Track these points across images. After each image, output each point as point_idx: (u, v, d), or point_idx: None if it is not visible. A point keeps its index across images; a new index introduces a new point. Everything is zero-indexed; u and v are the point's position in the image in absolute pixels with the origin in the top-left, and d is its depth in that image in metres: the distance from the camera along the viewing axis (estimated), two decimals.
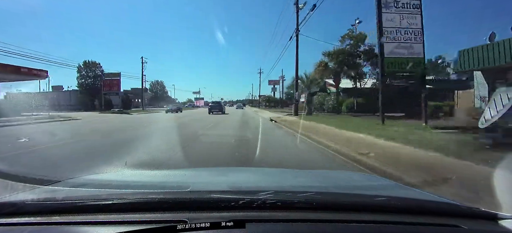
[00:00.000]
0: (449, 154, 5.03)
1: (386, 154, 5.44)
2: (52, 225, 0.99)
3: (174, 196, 1.13)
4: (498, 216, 1.05)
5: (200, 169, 3.32)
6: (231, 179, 1.90)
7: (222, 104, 34.38)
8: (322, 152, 6.59)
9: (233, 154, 6.13)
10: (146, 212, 1.01)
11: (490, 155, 4.50)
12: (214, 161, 5.49)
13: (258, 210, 1.01)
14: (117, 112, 34.46)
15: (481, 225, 1.04)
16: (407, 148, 6.05)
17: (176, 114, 28.86)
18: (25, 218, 1.00)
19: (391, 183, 2.02)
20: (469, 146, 5.65)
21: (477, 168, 4.13)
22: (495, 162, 3.40)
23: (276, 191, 1.15)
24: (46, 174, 3.89)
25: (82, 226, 0.98)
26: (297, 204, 1.06)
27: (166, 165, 4.94)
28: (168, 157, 5.81)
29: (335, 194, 1.31)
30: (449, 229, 1.00)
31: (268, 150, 6.63)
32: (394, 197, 1.26)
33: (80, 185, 1.50)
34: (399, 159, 5.00)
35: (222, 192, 1.23)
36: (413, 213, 1.08)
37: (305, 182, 1.77)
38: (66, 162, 5.36)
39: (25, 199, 1.11)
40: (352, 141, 7.36)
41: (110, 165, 4.87)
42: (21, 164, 5.11)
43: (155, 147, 7.24)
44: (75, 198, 1.15)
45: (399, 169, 4.25)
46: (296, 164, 5.17)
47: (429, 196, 1.55)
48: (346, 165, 5.18)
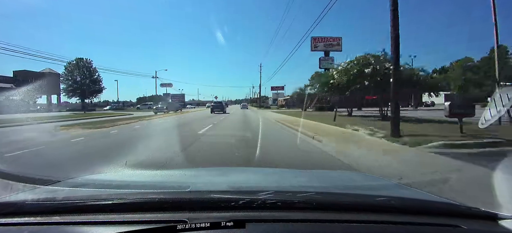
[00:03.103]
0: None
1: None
2: (52, 225, 0.99)
3: (174, 196, 1.13)
4: (498, 216, 1.05)
5: (200, 169, 3.32)
6: (231, 179, 1.90)
7: (224, 104, 35.36)
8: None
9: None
10: (146, 212, 1.01)
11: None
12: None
13: (258, 210, 1.01)
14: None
15: (481, 225, 1.04)
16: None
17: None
18: (25, 218, 1.01)
19: (391, 183, 2.02)
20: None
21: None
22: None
23: (276, 191, 1.15)
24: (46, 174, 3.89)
25: (82, 226, 0.98)
26: (297, 204, 1.06)
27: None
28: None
29: (335, 194, 1.31)
30: (449, 229, 1.00)
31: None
32: (394, 197, 1.26)
33: (80, 185, 1.50)
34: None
35: (222, 192, 1.23)
36: (413, 213, 1.08)
37: (305, 182, 1.77)
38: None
39: (25, 199, 1.12)
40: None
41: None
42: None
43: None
44: (75, 198, 1.15)
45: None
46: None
47: (429, 196, 1.55)
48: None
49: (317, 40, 39.70)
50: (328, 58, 38.89)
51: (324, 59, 39.24)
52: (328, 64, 35.85)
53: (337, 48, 40.24)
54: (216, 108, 30.71)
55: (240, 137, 8.94)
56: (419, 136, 7.52)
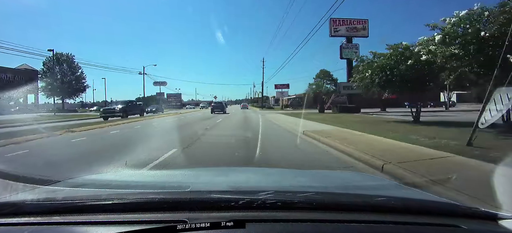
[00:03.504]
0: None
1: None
2: (52, 225, 0.99)
3: (174, 196, 1.13)
4: (498, 216, 1.05)
5: (200, 169, 3.32)
6: (231, 179, 1.90)
7: (224, 105, 36.01)
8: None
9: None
10: (146, 212, 1.01)
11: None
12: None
13: (258, 210, 1.01)
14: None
15: (481, 225, 1.04)
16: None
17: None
18: (25, 218, 1.01)
19: (391, 183, 2.02)
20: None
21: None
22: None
23: (276, 191, 1.15)
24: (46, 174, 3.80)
25: (82, 226, 0.98)
26: (297, 204, 1.06)
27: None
28: None
29: (335, 194, 1.31)
30: (449, 229, 1.00)
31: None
32: (394, 197, 1.26)
33: (80, 185, 1.50)
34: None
35: (222, 192, 1.23)
36: (413, 213, 1.08)
37: (305, 182, 1.77)
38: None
39: (25, 199, 1.12)
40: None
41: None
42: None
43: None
44: (75, 198, 1.16)
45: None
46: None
47: (429, 196, 1.55)
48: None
49: (338, 23, 31.65)
50: (351, 45, 31.61)
51: (347, 47, 31.49)
52: (351, 52, 29.82)
53: (363, 34, 32.30)
54: (216, 108, 31.74)
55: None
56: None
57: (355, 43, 31.75)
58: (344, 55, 31.26)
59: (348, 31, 31.90)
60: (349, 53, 30.27)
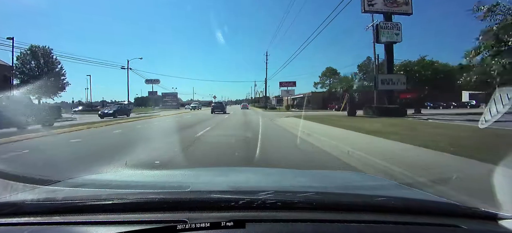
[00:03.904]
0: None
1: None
2: (52, 225, 0.99)
3: (174, 196, 1.13)
4: (498, 216, 1.05)
5: (200, 169, 3.32)
6: (231, 179, 1.90)
7: (224, 105, 37.11)
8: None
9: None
10: (146, 212, 1.01)
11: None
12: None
13: (258, 210, 1.01)
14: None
15: (481, 225, 1.04)
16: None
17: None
18: (25, 218, 1.01)
19: (391, 183, 2.02)
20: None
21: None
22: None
23: (276, 191, 1.15)
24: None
25: (82, 226, 0.98)
26: (297, 204, 1.06)
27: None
28: None
29: (335, 194, 1.31)
30: (449, 229, 1.00)
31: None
32: (394, 197, 1.26)
33: (80, 185, 1.50)
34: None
35: (222, 192, 1.23)
36: (413, 213, 1.08)
37: (305, 182, 1.77)
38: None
39: (25, 199, 1.12)
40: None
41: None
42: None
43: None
44: (75, 198, 1.15)
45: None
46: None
47: (429, 196, 1.55)
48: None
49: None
50: (391, 24, 22.18)
51: (385, 26, 22.01)
52: (392, 34, 21.83)
53: (406, 10, 22.55)
54: (217, 108, 32.13)
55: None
56: None
57: (396, 22, 22.47)
58: (381, 38, 22.01)
59: (386, 6, 22.21)
60: (389, 34, 21.93)
